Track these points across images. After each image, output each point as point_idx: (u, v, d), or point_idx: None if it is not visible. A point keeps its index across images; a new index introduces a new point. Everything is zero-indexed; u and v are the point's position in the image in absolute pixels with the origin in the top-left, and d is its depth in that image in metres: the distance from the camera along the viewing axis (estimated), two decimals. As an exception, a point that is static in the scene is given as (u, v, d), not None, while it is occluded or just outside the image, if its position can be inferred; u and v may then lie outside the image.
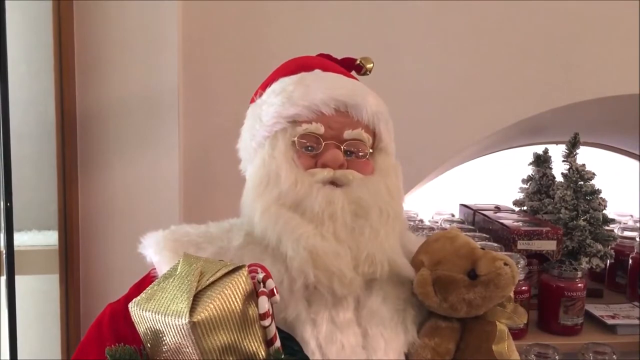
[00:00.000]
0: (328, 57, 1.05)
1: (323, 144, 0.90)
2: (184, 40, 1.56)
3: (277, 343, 0.75)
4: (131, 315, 0.74)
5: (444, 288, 0.89)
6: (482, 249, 0.93)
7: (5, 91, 1.31)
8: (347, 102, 0.91)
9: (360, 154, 0.91)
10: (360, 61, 1.05)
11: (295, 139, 0.90)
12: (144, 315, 0.72)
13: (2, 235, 1.34)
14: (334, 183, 0.89)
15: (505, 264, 0.89)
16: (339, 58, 1.06)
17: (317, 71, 0.96)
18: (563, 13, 1.75)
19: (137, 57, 1.44)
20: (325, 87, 0.91)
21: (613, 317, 1.54)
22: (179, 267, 0.75)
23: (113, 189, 1.47)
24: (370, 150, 0.92)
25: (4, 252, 1.33)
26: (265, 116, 0.94)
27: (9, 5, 1.33)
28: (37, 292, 1.49)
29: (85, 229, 1.47)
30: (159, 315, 0.70)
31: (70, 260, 1.44)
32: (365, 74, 1.06)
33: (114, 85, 1.45)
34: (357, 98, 0.91)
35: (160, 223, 1.46)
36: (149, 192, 1.47)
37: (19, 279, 1.36)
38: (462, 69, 1.74)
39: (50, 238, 1.46)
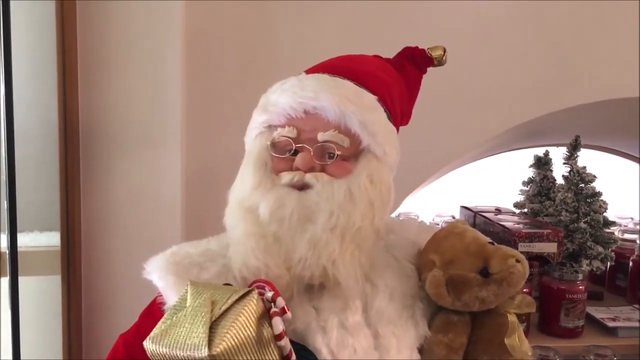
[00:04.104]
0: (411, 50, 1.05)
1: (296, 147, 0.90)
2: (188, 41, 1.56)
3: (293, 357, 0.76)
4: (147, 352, 0.74)
5: (457, 288, 0.89)
6: (491, 243, 0.92)
7: (9, 92, 1.31)
8: (313, 104, 0.90)
9: (332, 155, 0.89)
10: (428, 51, 1.05)
11: (269, 143, 0.91)
12: (161, 351, 0.72)
13: (5, 236, 1.34)
14: (304, 186, 0.88)
15: (517, 261, 0.89)
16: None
17: (302, 75, 0.96)
18: (563, 16, 1.76)
19: (141, 58, 1.44)
20: (292, 91, 0.91)
21: (614, 320, 1.55)
22: (189, 298, 0.75)
23: (115, 190, 1.47)
24: (339, 152, 0.89)
25: (7, 253, 1.33)
26: (251, 122, 0.97)
27: (12, 7, 1.33)
28: (39, 293, 1.48)
29: (87, 230, 1.46)
30: (177, 350, 0.71)
31: (72, 262, 1.43)
32: (439, 64, 1.05)
33: (117, 87, 1.44)
34: (322, 99, 0.89)
35: (163, 225, 1.47)
36: (152, 193, 1.47)
37: (20, 280, 1.36)
38: (462, 73, 1.74)
39: (52, 239, 1.46)
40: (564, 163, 1.72)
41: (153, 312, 0.91)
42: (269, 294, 0.76)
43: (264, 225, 0.86)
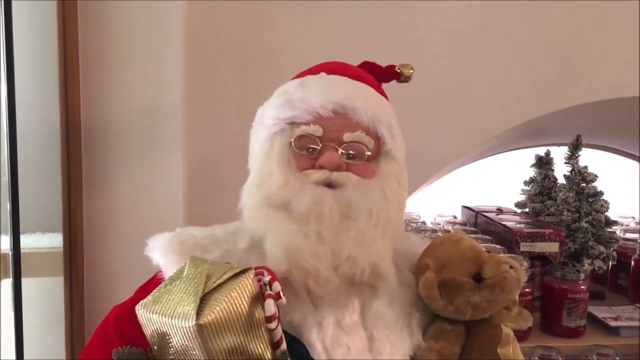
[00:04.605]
0: (370, 65, 1.05)
1: (320, 145, 0.90)
2: (189, 41, 1.56)
3: (284, 346, 0.76)
4: (138, 317, 0.74)
5: (449, 291, 0.89)
6: (488, 252, 0.93)
7: (11, 93, 1.31)
8: (345, 104, 0.90)
9: (360, 156, 0.90)
10: (399, 68, 1.05)
11: (292, 140, 0.91)
12: (151, 317, 0.72)
13: (8, 237, 1.34)
14: (330, 185, 0.88)
15: (511, 267, 0.89)
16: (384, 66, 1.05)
17: (323, 74, 0.96)
18: (563, 16, 1.76)
19: (142, 59, 1.44)
20: (323, 90, 0.91)
21: (616, 319, 1.55)
22: (186, 270, 0.75)
23: (117, 191, 1.47)
24: (369, 153, 0.91)
25: (10, 254, 1.33)
26: (266, 117, 0.94)
27: (13, 7, 1.33)
28: (42, 295, 1.49)
29: (89, 231, 1.47)
30: (166, 318, 0.71)
31: (74, 263, 1.44)
32: (405, 81, 1.06)
33: (119, 88, 1.45)
34: (355, 101, 0.90)
35: (165, 225, 1.46)
36: (154, 194, 1.47)
37: (23, 282, 1.36)
38: (463, 73, 1.74)
39: (54, 240, 1.46)
40: (566, 162, 1.73)
41: (150, 288, 0.90)
42: (267, 278, 0.76)
43: (303, 222, 0.85)
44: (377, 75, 1.04)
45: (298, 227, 0.85)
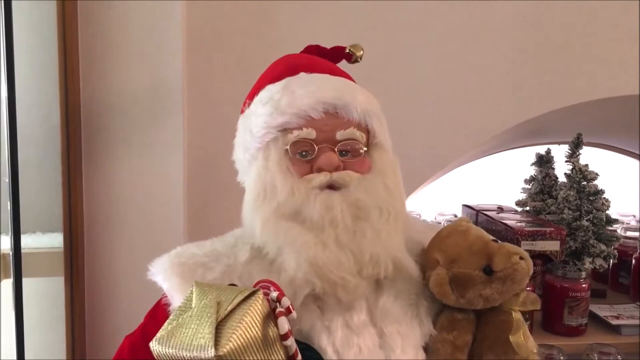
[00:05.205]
0: (316, 48, 1.04)
1: (316, 148, 0.88)
2: (188, 39, 1.56)
3: (299, 358, 0.76)
4: (153, 353, 0.74)
5: (461, 286, 0.89)
6: (495, 240, 0.92)
7: (12, 93, 1.31)
8: (336, 103, 0.89)
9: (355, 153, 0.90)
10: (350, 49, 1.04)
11: (288, 147, 0.89)
12: (167, 352, 0.72)
13: (8, 238, 1.34)
14: (332, 186, 0.87)
15: (521, 258, 0.88)
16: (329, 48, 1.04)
17: (302, 74, 0.94)
18: (563, 15, 1.76)
19: (142, 57, 1.44)
20: (311, 91, 0.90)
21: (617, 318, 1.55)
22: (194, 299, 0.75)
23: (118, 190, 1.47)
24: (365, 149, 0.90)
25: (11, 254, 1.33)
26: (255, 127, 0.92)
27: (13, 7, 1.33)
28: (42, 295, 1.49)
29: (90, 230, 1.47)
30: (184, 352, 0.71)
31: (75, 263, 1.44)
32: (355, 61, 1.05)
33: (119, 87, 1.45)
34: (345, 98, 0.90)
35: (165, 224, 1.48)
36: (154, 193, 1.47)
37: (24, 282, 1.36)
38: (464, 72, 1.74)
39: (54, 240, 1.46)
40: (566, 161, 1.72)
41: (158, 313, 0.91)
42: (274, 294, 0.76)
43: (317, 230, 0.84)
44: (328, 58, 1.03)
45: (314, 236, 0.84)
